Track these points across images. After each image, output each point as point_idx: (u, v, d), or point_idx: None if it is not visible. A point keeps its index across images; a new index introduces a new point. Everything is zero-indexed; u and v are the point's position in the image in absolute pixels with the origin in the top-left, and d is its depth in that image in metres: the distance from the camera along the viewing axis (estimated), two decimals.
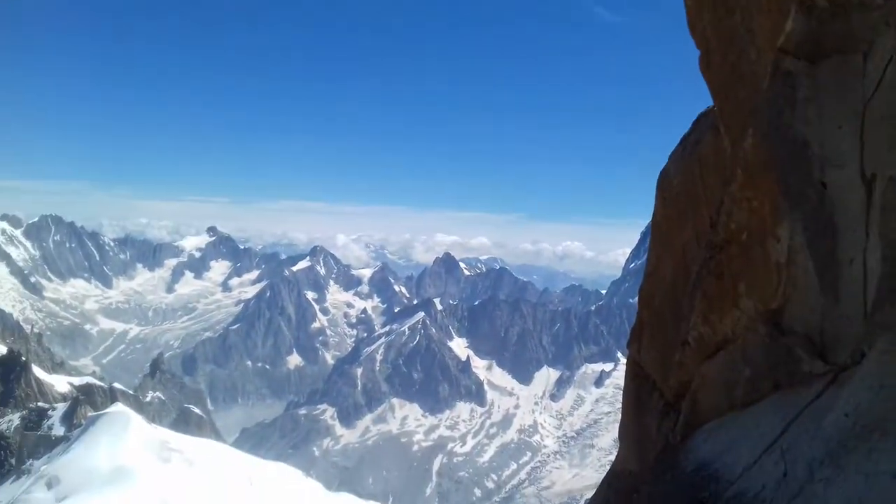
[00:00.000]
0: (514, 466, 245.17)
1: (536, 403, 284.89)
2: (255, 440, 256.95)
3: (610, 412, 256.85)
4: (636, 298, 7.03)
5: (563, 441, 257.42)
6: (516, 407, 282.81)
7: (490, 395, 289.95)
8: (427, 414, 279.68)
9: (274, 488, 36.67)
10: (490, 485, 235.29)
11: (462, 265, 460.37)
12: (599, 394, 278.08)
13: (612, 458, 8.94)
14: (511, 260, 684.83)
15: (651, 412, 6.28)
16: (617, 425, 7.33)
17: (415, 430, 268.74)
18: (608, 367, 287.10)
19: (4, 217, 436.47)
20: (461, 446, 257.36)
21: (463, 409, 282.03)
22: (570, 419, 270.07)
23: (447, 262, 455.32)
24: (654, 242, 6.39)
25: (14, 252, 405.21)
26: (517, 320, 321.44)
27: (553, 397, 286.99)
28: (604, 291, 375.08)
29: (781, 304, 4.23)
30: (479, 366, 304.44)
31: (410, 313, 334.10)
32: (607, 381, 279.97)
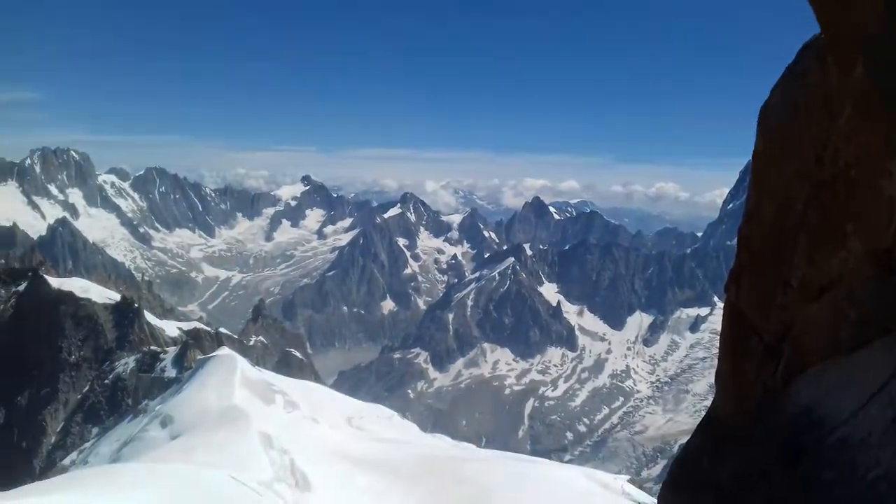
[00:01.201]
0: (606, 411, 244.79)
1: (629, 348, 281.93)
2: (352, 382, 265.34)
3: (706, 357, 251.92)
4: (734, 241, 6.78)
5: (657, 386, 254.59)
6: (608, 352, 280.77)
7: (581, 340, 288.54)
8: (518, 358, 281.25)
9: (372, 428, 37.76)
10: (582, 428, 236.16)
11: (552, 209, 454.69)
12: (694, 339, 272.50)
13: (708, 403, 8.75)
14: (601, 203, 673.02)
15: (750, 357, 6.10)
16: (713, 371, 7.14)
17: (506, 375, 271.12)
18: (704, 311, 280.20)
19: (113, 171, 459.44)
20: (552, 390, 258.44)
21: (554, 353, 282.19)
22: (664, 364, 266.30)
23: (536, 207, 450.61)
24: (754, 181, 6.10)
25: (123, 204, 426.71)
26: (608, 265, 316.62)
27: (646, 342, 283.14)
28: (699, 234, 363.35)
29: (892, 243, 3.99)
30: (569, 311, 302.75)
31: (500, 259, 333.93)
32: (703, 326, 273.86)
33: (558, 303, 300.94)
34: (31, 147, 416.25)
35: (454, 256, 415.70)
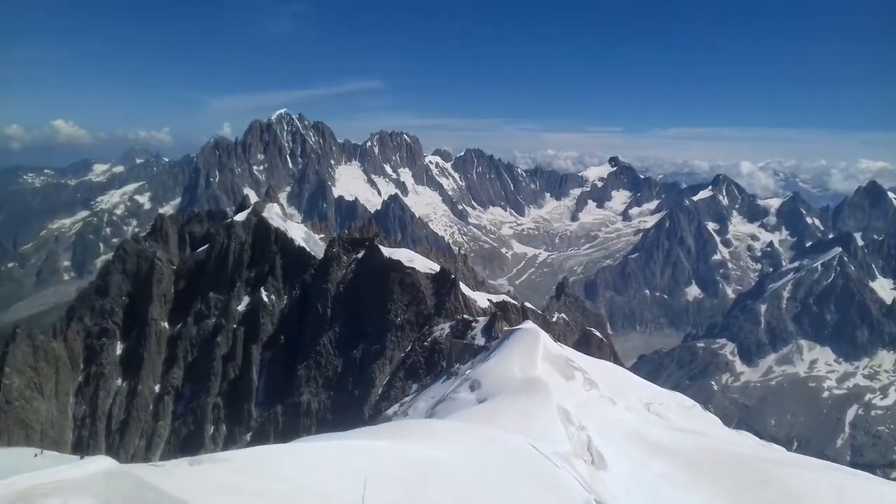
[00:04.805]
0: None
1: None
2: (651, 367, 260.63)
3: None
4: None
5: None
6: None
7: None
8: (840, 360, 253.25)
9: (671, 415, 37.18)
10: None
11: (891, 195, 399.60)
12: None
13: None
14: None
15: None
16: None
17: (825, 376, 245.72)
18: None
19: (437, 152, 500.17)
20: (881, 398, 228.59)
21: (885, 358, 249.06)
22: None
23: (872, 192, 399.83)
24: None
25: (445, 182, 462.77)
26: None
27: None
28: None
29: None
30: None
31: (825, 248, 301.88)
32: None
33: (894, 301, 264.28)
34: (372, 131, 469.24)
35: (770, 244, 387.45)
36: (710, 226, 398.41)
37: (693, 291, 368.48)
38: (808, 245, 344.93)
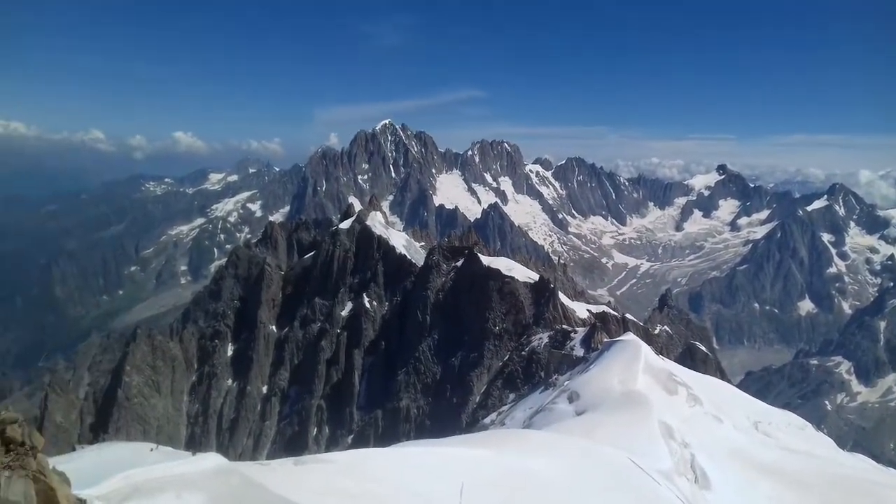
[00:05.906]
0: None
1: None
2: (760, 384, 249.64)
3: None
4: None
5: None
6: None
7: None
8: None
9: (781, 435, 35.82)
10: None
11: None
12: None
13: None
14: None
15: None
16: None
17: None
18: None
19: (538, 161, 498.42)
20: None
21: None
22: None
23: None
24: None
25: (545, 191, 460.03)
26: None
27: None
28: None
29: None
30: None
31: None
32: None
33: None
34: (473, 140, 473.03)
35: (891, 256, 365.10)
36: (826, 237, 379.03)
37: (806, 306, 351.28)
38: None
